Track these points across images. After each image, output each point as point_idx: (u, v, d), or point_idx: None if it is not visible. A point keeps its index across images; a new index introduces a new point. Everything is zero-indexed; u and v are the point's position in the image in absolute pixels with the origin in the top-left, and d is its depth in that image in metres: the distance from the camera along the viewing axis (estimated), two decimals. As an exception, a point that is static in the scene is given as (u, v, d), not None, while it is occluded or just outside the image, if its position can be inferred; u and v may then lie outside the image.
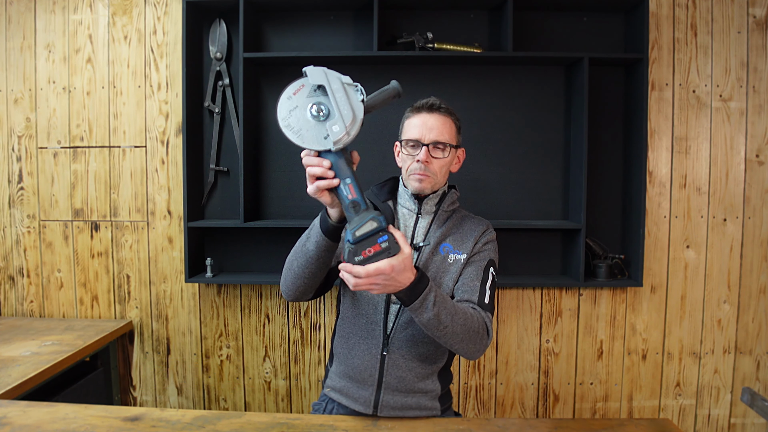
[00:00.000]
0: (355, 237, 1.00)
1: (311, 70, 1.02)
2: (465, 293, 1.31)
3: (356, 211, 1.02)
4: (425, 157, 1.31)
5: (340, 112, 1.00)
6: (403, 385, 1.32)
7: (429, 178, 1.33)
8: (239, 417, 1.30)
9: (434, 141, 1.32)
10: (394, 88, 1.09)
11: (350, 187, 1.02)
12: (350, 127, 1.01)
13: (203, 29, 2.20)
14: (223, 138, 2.23)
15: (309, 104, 1.01)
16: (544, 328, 2.27)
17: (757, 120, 2.17)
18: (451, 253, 1.35)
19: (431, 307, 1.13)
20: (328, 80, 1.01)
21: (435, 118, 1.34)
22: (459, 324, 1.18)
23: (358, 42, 2.18)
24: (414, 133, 1.34)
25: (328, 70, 1.02)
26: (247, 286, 2.29)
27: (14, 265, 2.34)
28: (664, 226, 2.21)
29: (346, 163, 1.03)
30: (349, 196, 1.02)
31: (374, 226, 1.00)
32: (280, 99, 1.02)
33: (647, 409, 2.28)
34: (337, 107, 1.00)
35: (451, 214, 1.42)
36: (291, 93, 1.02)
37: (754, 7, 2.15)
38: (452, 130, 1.36)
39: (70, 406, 1.35)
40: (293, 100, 1.02)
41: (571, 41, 2.17)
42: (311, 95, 1.02)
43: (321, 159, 1.03)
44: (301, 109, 1.01)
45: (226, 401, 2.35)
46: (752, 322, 2.23)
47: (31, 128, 2.29)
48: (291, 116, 1.01)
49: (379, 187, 1.46)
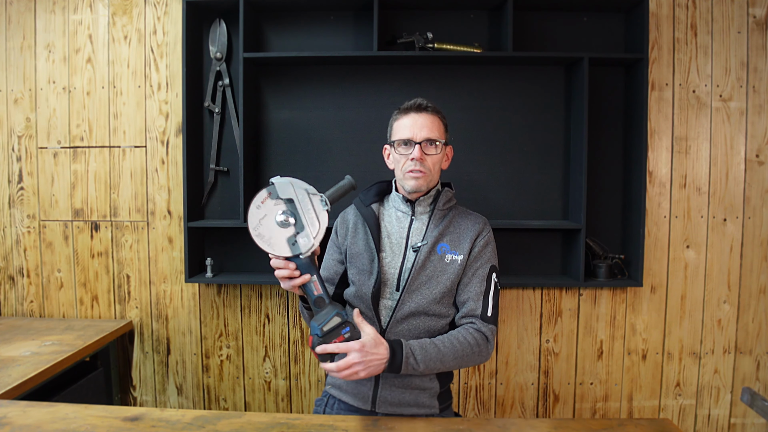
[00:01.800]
0: (323, 332, 1.12)
1: (279, 182, 1.12)
2: (468, 307, 1.35)
3: (321, 306, 1.13)
4: (419, 154, 1.33)
5: (308, 225, 1.11)
6: (400, 380, 1.34)
7: (425, 175, 1.35)
8: (239, 417, 1.30)
9: (426, 138, 1.35)
10: (349, 183, 1.20)
11: (315, 284, 1.13)
12: (318, 236, 1.11)
13: (203, 29, 2.20)
14: (223, 138, 2.23)
15: (276, 212, 1.11)
16: (544, 328, 2.27)
17: (757, 120, 2.17)
18: (448, 253, 1.37)
19: (418, 365, 1.23)
20: (295, 193, 1.11)
21: (424, 117, 1.37)
22: (450, 360, 1.27)
23: (358, 42, 2.18)
24: (405, 132, 1.36)
25: (293, 180, 1.12)
26: (247, 286, 2.29)
27: (14, 265, 2.34)
28: (664, 226, 2.21)
29: (310, 263, 1.13)
30: (315, 292, 1.13)
31: (338, 321, 1.12)
32: (250, 208, 1.10)
33: (647, 409, 2.28)
34: (305, 220, 1.11)
35: (447, 212, 1.43)
36: (258, 202, 1.11)
37: (754, 7, 2.15)
38: (441, 128, 1.40)
39: (70, 406, 1.34)
40: (262, 209, 1.11)
41: (571, 41, 2.17)
42: (278, 203, 1.12)
43: (287, 262, 1.12)
44: (269, 218, 1.11)
45: (226, 401, 2.35)
46: (752, 322, 2.23)
47: (31, 128, 2.29)
48: (261, 225, 1.10)
49: (365, 192, 1.49)
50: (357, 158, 2.20)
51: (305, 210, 1.11)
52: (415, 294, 1.34)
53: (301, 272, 1.12)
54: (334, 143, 2.21)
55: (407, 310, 1.33)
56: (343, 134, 2.20)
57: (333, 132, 2.21)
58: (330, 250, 1.51)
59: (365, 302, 1.36)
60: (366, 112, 2.19)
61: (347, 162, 2.20)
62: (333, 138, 2.21)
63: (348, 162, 2.20)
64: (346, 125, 2.20)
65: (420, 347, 1.24)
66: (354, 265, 1.41)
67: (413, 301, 1.34)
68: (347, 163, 2.20)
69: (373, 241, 1.38)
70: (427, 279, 1.35)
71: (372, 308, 1.35)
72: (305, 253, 1.11)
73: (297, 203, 1.11)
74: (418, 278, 1.34)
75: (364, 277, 1.38)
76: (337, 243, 1.48)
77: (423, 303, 1.34)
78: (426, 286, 1.35)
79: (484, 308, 1.34)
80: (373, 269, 1.36)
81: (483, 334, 1.32)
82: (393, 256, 1.38)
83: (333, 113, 2.20)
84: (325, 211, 1.13)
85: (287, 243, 1.11)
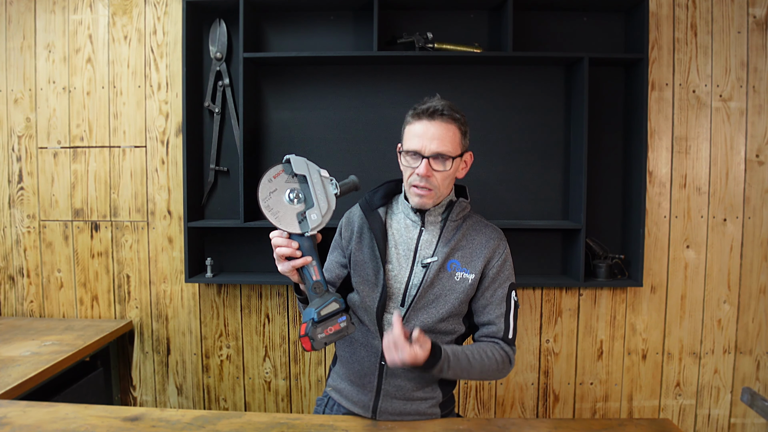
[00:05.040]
0: (320, 316, 1.09)
1: (295, 159, 1.11)
2: (489, 329, 1.30)
3: (318, 292, 1.11)
4: (425, 171, 1.22)
5: (318, 203, 1.10)
6: (402, 393, 1.32)
7: (431, 192, 1.25)
8: (239, 417, 1.30)
9: (435, 153, 1.22)
10: (353, 182, 1.19)
11: (315, 269, 1.12)
12: (326, 216, 1.11)
13: (203, 29, 2.20)
14: (223, 138, 2.23)
15: (287, 189, 1.11)
16: (544, 328, 2.27)
17: (757, 120, 2.17)
18: (459, 271, 1.29)
19: (447, 372, 1.21)
20: (309, 171, 1.11)
21: (436, 126, 1.23)
22: (475, 373, 1.24)
23: (358, 42, 2.18)
24: (414, 143, 1.24)
25: (308, 161, 1.12)
26: (247, 286, 2.29)
27: (14, 265, 2.34)
28: (664, 226, 2.21)
29: (312, 246, 1.11)
30: (314, 276, 1.11)
31: (336, 307, 1.10)
32: (261, 180, 1.10)
33: (647, 409, 2.28)
34: (315, 197, 1.10)
35: (461, 223, 1.33)
36: (271, 176, 1.11)
37: (754, 7, 2.15)
38: (455, 138, 1.25)
39: (70, 406, 1.35)
40: (273, 183, 1.11)
41: (571, 41, 2.17)
42: (290, 181, 1.11)
43: (290, 240, 1.10)
44: (279, 193, 1.11)
45: (226, 401, 2.35)
46: (752, 322, 2.23)
47: (31, 128, 2.29)
48: (270, 198, 1.10)
49: (372, 193, 1.39)
50: (357, 158, 2.20)
51: (317, 189, 1.10)
52: (422, 312, 1.28)
53: (302, 254, 1.10)
54: (334, 143, 2.21)
55: (412, 327, 1.26)
56: (343, 134, 2.20)
57: (333, 132, 2.20)
58: (333, 252, 1.43)
59: (370, 315, 1.31)
60: (366, 112, 2.19)
61: (347, 162, 2.20)
62: (333, 138, 2.20)
63: (348, 162, 2.20)
64: (346, 125, 2.20)
65: (453, 355, 1.20)
66: (358, 273, 1.34)
67: (419, 319, 1.28)
68: (347, 163, 2.20)
69: (378, 251, 1.30)
70: (434, 298, 1.28)
71: (376, 323, 1.29)
72: (312, 231, 1.09)
73: (310, 181, 1.10)
74: (426, 296, 1.27)
75: (368, 288, 1.31)
76: (341, 245, 1.40)
77: (429, 322, 1.28)
78: (433, 305, 1.28)
79: (506, 331, 1.29)
80: (378, 281, 1.30)
81: (507, 355, 1.28)
82: (400, 268, 1.31)
83: (333, 113, 2.20)
84: (335, 195, 1.13)
85: (296, 218, 1.10)
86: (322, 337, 1.10)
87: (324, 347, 1.13)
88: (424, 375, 1.31)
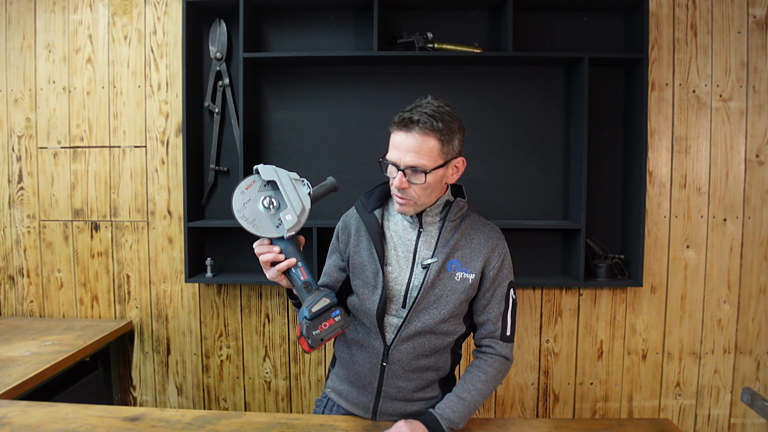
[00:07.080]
0: (312, 313, 1.10)
1: (262, 168, 1.14)
2: (487, 329, 1.32)
3: (308, 291, 1.13)
4: (399, 183, 1.21)
5: (292, 204, 1.12)
6: (403, 395, 1.32)
7: (409, 202, 1.25)
8: (239, 417, 1.30)
9: (409, 166, 1.20)
10: (331, 183, 1.21)
11: (301, 270, 1.14)
12: (301, 216, 1.12)
13: (203, 29, 2.20)
14: (223, 138, 2.23)
15: (261, 197, 1.13)
16: (544, 328, 2.27)
17: (757, 120, 2.17)
18: (459, 271, 1.29)
19: (458, 426, 1.25)
20: (278, 176, 1.13)
21: (412, 138, 1.20)
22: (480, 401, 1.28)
23: (358, 42, 2.18)
24: (392, 154, 1.23)
25: (277, 167, 1.14)
26: (247, 286, 2.29)
27: (14, 265, 2.34)
28: (664, 226, 2.21)
29: (295, 248, 1.13)
30: (301, 277, 1.13)
31: (327, 302, 1.11)
32: (234, 193, 1.12)
33: (647, 409, 2.28)
34: (288, 199, 1.12)
35: (459, 223, 1.33)
36: (243, 188, 1.13)
37: (754, 7, 2.15)
38: (433, 151, 1.20)
39: (70, 406, 1.35)
40: (246, 194, 1.13)
41: (571, 41, 2.17)
42: (262, 189, 1.14)
43: (272, 246, 1.12)
44: (253, 202, 1.13)
45: (226, 401, 2.35)
46: (752, 322, 2.23)
47: (31, 128, 2.29)
48: (245, 209, 1.12)
49: (367, 195, 1.39)
50: (357, 158, 2.20)
51: (288, 191, 1.13)
52: (423, 314, 1.27)
53: (286, 257, 1.13)
54: (334, 143, 2.21)
55: (414, 329, 1.27)
56: (343, 134, 2.20)
57: (333, 132, 2.20)
58: (332, 256, 1.43)
59: (370, 318, 1.30)
60: (366, 112, 2.19)
61: (347, 162, 2.20)
62: (333, 138, 2.20)
63: (348, 162, 2.20)
64: (346, 125, 2.20)
65: (453, 412, 1.24)
66: (357, 276, 1.34)
67: (420, 320, 1.27)
68: (347, 162, 2.20)
69: (376, 253, 1.29)
70: (436, 299, 1.27)
71: (377, 325, 1.29)
72: (290, 232, 1.12)
73: (279, 184, 1.13)
74: (427, 297, 1.27)
75: (368, 291, 1.30)
76: (339, 249, 1.40)
77: (430, 323, 1.28)
78: (435, 306, 1.27)
79: (503, 329, 1.30)
80: (377, 283, 1.29)
81: (504, 357, 1.30)
82: (399, 270, 1.30)
83: (333, 113, 2.20)
84: (308, 194, 1.15)
85: (273, 223, 1.12)
86: (317, 333, 1.10)
87: (322, 344, 1.13)
88: (424, 375, 1.32)
